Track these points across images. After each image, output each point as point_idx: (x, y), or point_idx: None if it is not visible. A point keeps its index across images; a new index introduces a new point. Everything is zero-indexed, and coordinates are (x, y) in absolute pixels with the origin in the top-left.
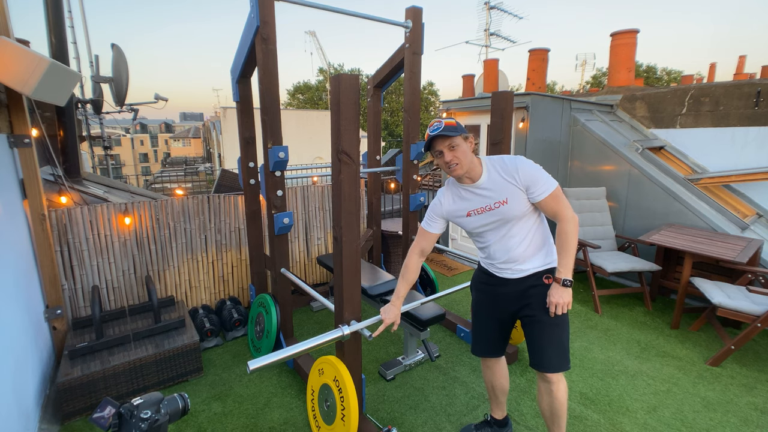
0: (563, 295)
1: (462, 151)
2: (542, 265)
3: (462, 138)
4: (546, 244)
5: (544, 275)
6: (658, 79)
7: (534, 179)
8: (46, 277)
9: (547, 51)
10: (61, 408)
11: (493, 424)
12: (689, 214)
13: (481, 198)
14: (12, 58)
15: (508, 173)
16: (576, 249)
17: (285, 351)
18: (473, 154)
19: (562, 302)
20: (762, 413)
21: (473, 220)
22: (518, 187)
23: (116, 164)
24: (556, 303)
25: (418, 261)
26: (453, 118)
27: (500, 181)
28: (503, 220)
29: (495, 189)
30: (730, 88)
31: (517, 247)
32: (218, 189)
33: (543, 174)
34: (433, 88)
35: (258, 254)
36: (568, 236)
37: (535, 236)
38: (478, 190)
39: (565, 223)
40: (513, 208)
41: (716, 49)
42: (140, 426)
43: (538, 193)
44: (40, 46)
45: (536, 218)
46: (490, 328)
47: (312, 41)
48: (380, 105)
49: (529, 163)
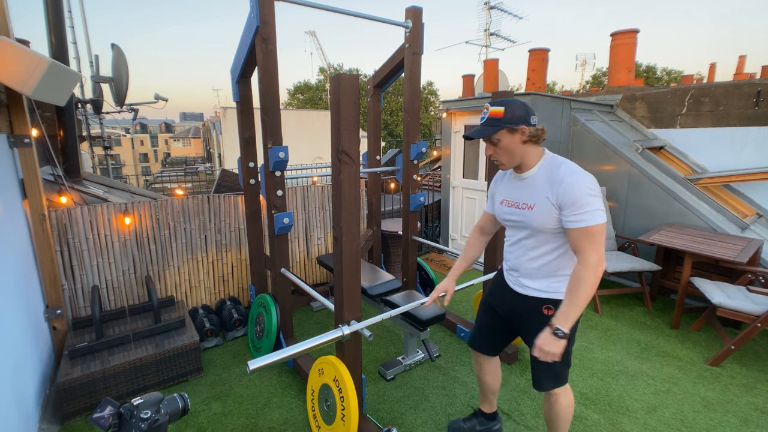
0: (551, 346)
1: (504, 147)
2: (546, 292)
3: (507, 131)
4: (561, 274)
5: (544, 305)
6: (658, 79)
7: (573, 202)
8: (46, 277)
9: (547, 51)
10: (61, 408)
11: (480, 415)
12: (689, 214)
13: (516, 191)
14: (12, 58)
15: (551, 181)
16: (587, 302)
17: (285, 351)
18: (527, 147)
19: (547, 350)
20: (762, 413)
21: (501, 209)
22: (551, 202)
23: (116, 164)
24: (539, 347)
25: (478, 238)
26: (503, 105)
27: (541, 185)
28: (523, 224)
29: (532, 190)
30: (730, 88)
31: (531, 262)
32: (218, 189)
33: (591, 202)
34: (433, 88)
35: (258, 254)
36: (582, 284)
37: (555, 261)
38: (519, 182)
39: (583, 268)
40: (535, 219)
41: (716, 49)
42: (140, 426)
43: (569, 219)
44: (40, 46)
45: (560, 242)
46: (490, 327)
47: (312, 41)
48: (380, 105)
49: (579, 183)
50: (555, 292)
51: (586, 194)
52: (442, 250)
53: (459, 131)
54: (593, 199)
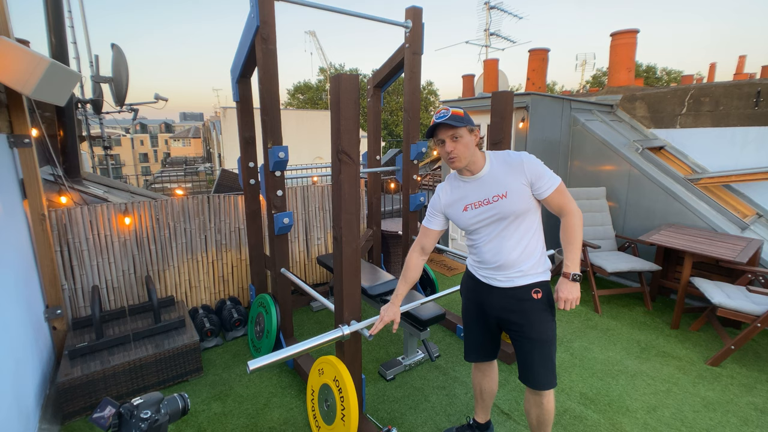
0: (572, 290)
1: (464, 144)
2: (530, 275)
3: (467, 130)
4: (540, 255)
5: (533, 289)
6: (658, 79)
7: (539, 174)
8: (46, 277)
9: (547, 51)
10: (61, 408)
11: (475, 428)
12: (689, 214)
13: (479, 191)
14: (12, 58)
15: (511, 166)
16: (581, 243)
17: (285, 351)
18: (477, 148)
19: (572, 298)
20: (762, 413)
21: (469, 215)
22: (521, 182)
23: (116, 164)
24: (564, 299)
25: (419, 259)
26: (461, 108)
27: (502, 173)
28: (500, 215)
29: (495, 182)
30: (730, 88)
31: (511, 251)
32: (218, 189)
33: (547, 169)
34: (433, 88)
35: (258, 254)
36: (574, 229)
37: (530, 242)
38: (478, 183)
39: (570, 216)
40: (512, 203)
41: (716, 49)
42: (140, 426)
43: (544, 189)
44: (40, 46)
45: (534, 222)
46: (480, 336)
47: (312, 41)
48: (380, 105)
49: (533, 158)
50: (537, 274)
51: (541, 164)
52: (442, 250)
53: None
54: (545, 166)
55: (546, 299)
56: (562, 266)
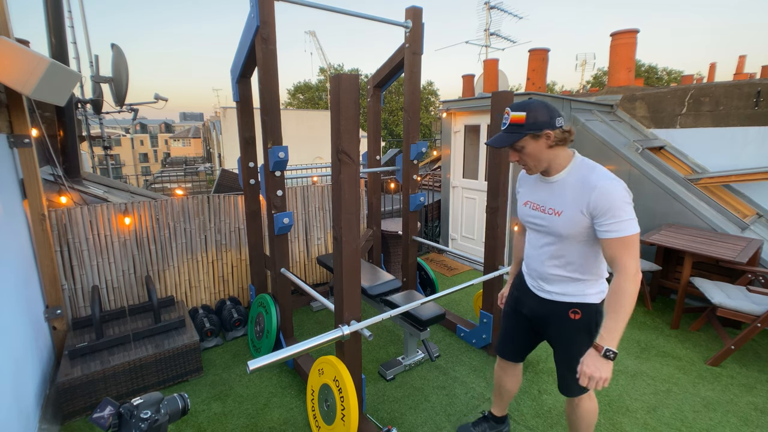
0: (600, 368)
1: (529, 154)
2: (572, 296)
3: (530, 137)
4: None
5: (571, 309)
6: (658, 79)
7: (608, 209)
8: (46, 277)
9: (547, 51)
10: (61, 408)
11: (490, 419)
12: (689, 214)
13: (543, 194)
14: (12, 58)
15: (582, 187)
16: (630, 314)
17: (285, 351)
18: (555, 150)
19: (598, 377)
20: (762, 413)
21: (525, 211)
22: (581, 209)
23: (116, 164)
24: (589, 375)
25: (523, 239)
26: (524, 110)
27: (571, 190)
28: (548, 229)
29: (560, 195)
30: (730, 88)
31: (553, 267)
32: (218, 189)
33: (626, 210)
34: (433, 87)
35: (258, 254)
36: (626, 296)
37: (578, 267)
38: (546, 186)
39: (624, 279)
40: (563, 225)
41: (716, 49)
42: (140, 426)
43: (604, 228)
44: (40, 46)
45: (588, 249)
46: (515, 334)
47: (312, 41)
48: (380, 105)
49: (614, 190)
50: (581, 295)
51: (622, 201)
52: (442, 250)
53: (459, 131)
54: (628, 207)
55: (586, 322)
56: None
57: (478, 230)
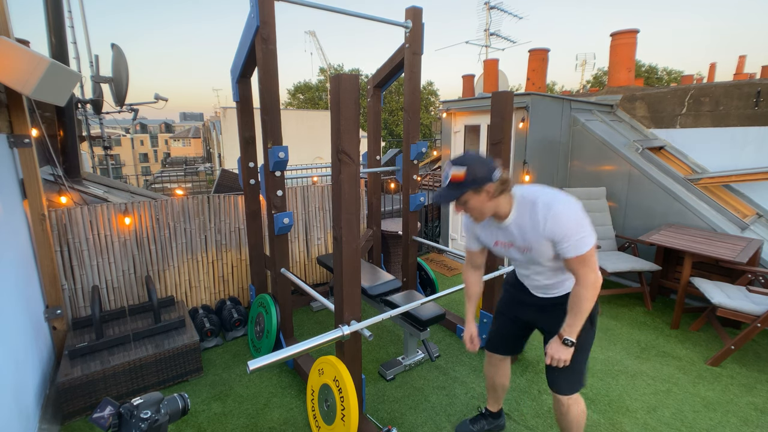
0: (561, 351)
1: (472, 207)
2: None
3: (472, 192)
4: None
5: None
6: (658, 79)
7: (562, 236)
8: (46, 277)
9: (547, 51)
10: (61, 408)
11: (488, 416)
12: (689, 214)
13: (505, 233)
14: (12, 58)
15: (534, 224)
16: (587, 314)
17: (285, 351)
18: (496, 200)
19: (558, 357)
20: (762, 413)
21: (500, 249)
22: (543, 241)
23: (116, 164)
24: (552, 356)
25: (474, 275)
26: (463, 167)
27: (526, 227)
28: (530, 260)
29: (520, 234)
30: (730, 88)
31: (546, 280)
32: (218, 189)
33: (578, 230)
34: (433, 88)
35: (258, 254)
36: (583, 301)
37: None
38: (504, 229)
39: (583, 287)
40: (537, 255)
41: (716, 48)
42: (140, 426)
43: (563, 250)
44: (40, 46)
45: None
46: (508, 330)
47: (312, 41)
48: (380, 105)
49: (563, 215)
50: None
51: (573, 223)
52: (442, 250)
53: (459, 131)
54: (579, 225)
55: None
56: None
57: None
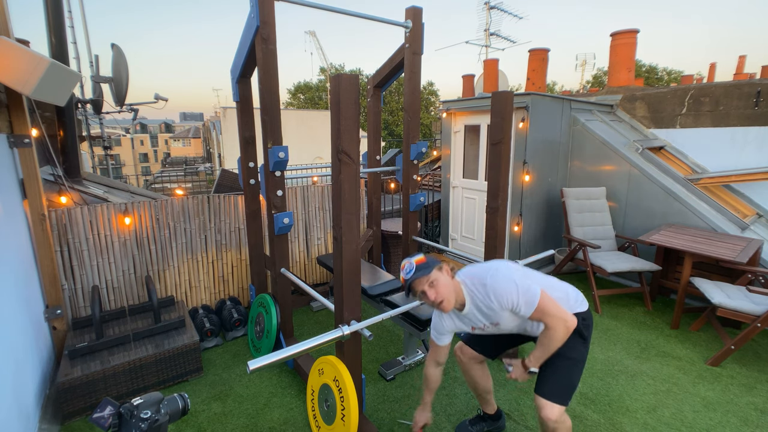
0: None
1: (443, 284)
2: None
3: (437, 270)
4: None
5: None
6: (658, 79)
7: (513, 303)
8: (46, 277)
9: (547, 51)
10: (61, 408)
11: (487, 418)
12: (689, 214)
13: (477, 320)
14: (12, 58)
15: (488, 307)
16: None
17: (285, 351)
18: (452, 281)
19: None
20: (762, 413)
21: (478, 332)
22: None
23: (116, 164)
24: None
25: (436, 371)
26: (419, 254)
27: (483, 308)
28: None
29: (483, 316)
30: (730, 88)
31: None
32: (218, 189)
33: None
34: (433, 88)
35: (258, 254)
36: (552, 341)
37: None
38: (466, 318)
39: (553, 331)
40: (507, 325)
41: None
42: (140, 426)
43: (522, 313)
44: (40, 46)
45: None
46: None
47: (312, 41)
48: (380, 105)
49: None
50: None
51: (512, 294)
52: (442, 250)
53: (459, 131)
54: (518, 289)
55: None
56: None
57: (478, 230)
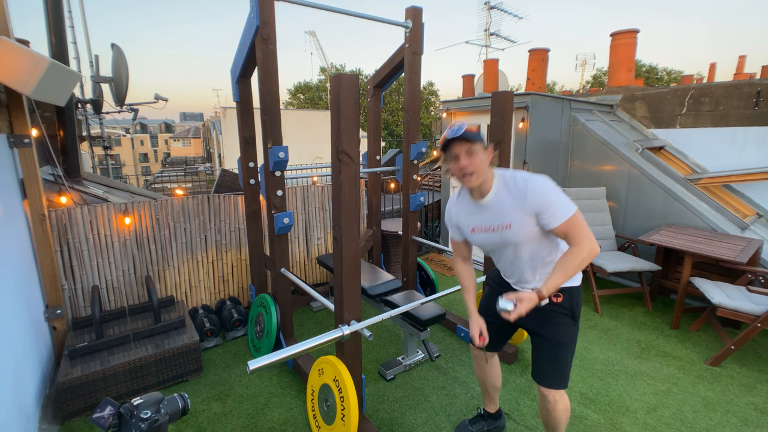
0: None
1: (480, 161)
2: None
3: (482, 146)
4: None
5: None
6: (658, 79)
7: (545, 206)
8: (46, 277)
9: (547, 51)
10: (61, 408)
11: (487, 417)
12: (689, 214)
13: (485, 216)
14: (12, 58)
15: (514, 197)
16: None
17: (285, 351)
18: (490, 168)
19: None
20: (762, 413)
21: (477, 237)
22: (525, 214)
23: (116, 164)
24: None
25: (464, 266)
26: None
27: (506, 203)
28: (507, 242)
29: (500, 210)
30: (730, 88)
31: (524, 270)
32: (218, 189)
33: (559, 197)
34: (433, 88)
35: (258, 254)
36: (575, 259)
37: (547, 257)
38: (483, 208)
39: (578, 248)
40: (517, 233)
41: (716, 49)
42: (140, 426)
43: (549, 220)
44: (40, 46)
45: (548, 241)
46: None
47: (312, 41)
48: (380, 105)
49: (542, 186)
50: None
51: (552, 193)
52: (442, 250)
53: None
54: (559, 195)
55: (568, 304)
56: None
57: None
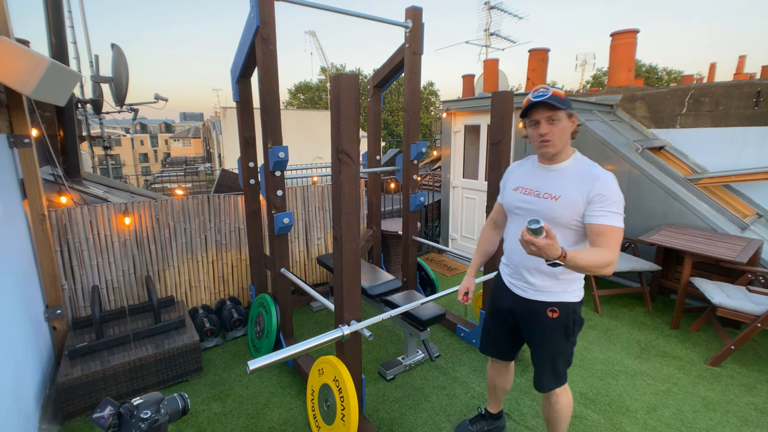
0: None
1: (561, 129)
2: (551, 293)
3: (566, 114)
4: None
5: (549, 307)
6: (658, 79)
7: (606, 197)
8: (46, 277)
9: (547, 51)
10: (61, 408)
11: (487, 417)
12: (689, 214)
13: (539, 180)
14: (12, 58)
15: (585, 176)
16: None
17: (285, 351)
18: (569, 140)
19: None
20: (762, 413)
21: (515, 196)
22: (581, 196)
23: (116, 164)
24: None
25: (492, 232)
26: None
27: (572, 177)
28: (539, 214)
29: (560, 181)
30: (730, 88)
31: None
32: (218, 189)
33: (618, 207)
34: (433, 88)
35: (258, 254)
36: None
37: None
38: (545, 173)
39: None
40: (557, 210)
41: (716, 49)
42: (140, 426)
43: (597, 213)
44: (40, 46)
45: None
46: (498, 335)
47: (312, 41)
48: (380, 105)
49: (613, 184)
50: (561, 293)
51: (618, 197)
52: (442, 250)
53: (459, 131)
54: (621, 204)
55: (563, 320)
56: None
57: (478, 230)
